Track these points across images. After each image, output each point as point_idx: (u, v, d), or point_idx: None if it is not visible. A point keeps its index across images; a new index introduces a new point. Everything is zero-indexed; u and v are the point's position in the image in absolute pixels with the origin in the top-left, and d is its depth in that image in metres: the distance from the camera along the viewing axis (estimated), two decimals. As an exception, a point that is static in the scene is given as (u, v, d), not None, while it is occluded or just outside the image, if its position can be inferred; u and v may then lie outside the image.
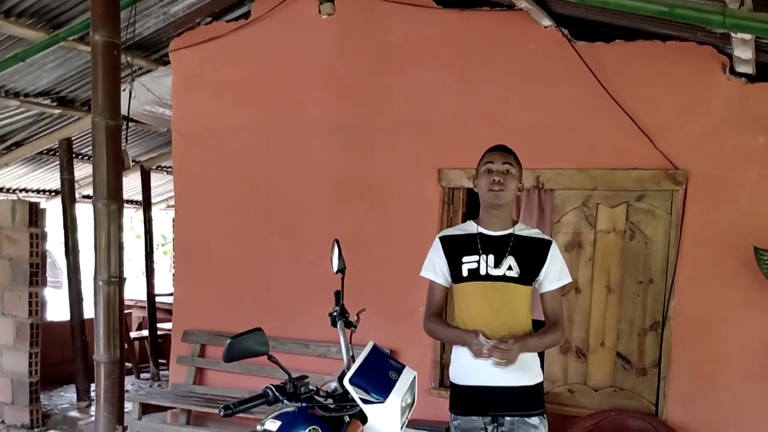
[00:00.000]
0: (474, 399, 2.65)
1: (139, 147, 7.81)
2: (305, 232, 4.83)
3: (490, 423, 2.63)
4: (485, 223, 2.72)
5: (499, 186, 2.62)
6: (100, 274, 3.59)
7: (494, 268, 2.64)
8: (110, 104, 3.60)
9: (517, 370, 2.59)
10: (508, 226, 2.71)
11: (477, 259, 2.66)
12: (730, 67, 3.79)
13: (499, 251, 2.66)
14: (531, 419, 2.62)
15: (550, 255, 2.68)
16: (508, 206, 2.70)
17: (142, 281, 8.07)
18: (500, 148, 2.73)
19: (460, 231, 2.78)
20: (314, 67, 4.82)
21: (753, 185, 3.80)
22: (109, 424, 3.56)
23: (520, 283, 2.65)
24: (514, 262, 2.64)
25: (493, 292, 2.64)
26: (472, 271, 2.67)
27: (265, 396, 2.10)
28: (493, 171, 2.64)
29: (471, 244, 2.70)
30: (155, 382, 7.25)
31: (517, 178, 2.68)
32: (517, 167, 2.69)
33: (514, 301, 2.65)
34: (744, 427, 3.80)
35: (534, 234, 2.74)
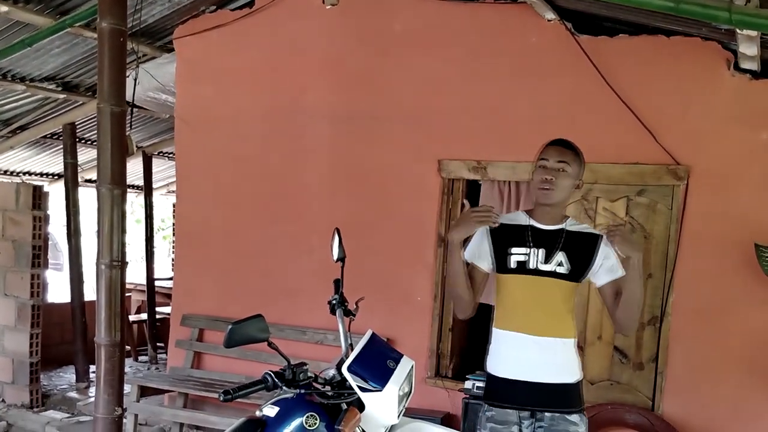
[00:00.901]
0: (512, 392, 2.57)
1: (141, 132, 7.82)
2: (306, 220, 4.85)
3: (528, 417, 2.56)
4: (537, 217, 2.61)
5: (549, 185, 2.51)
6: (102, 257, 3.62)
7: (544, 263, 2.55)
8: (116, 91, 3.63)
9: (558, 367, 2.56)
10: (560, 222, 2.61)
11: (527, 251, 2.57)
12: (735, 63, 3.79)
13: (550, 246, 2.56)
14: (571, 416, 2.55)
15: (601, 249, 2.58)
16: (560, 204, 2.60)
17: (142, 265, 8.11)
18: (558, 143, 2.58)
19: (510, 221, 2.65)
20: (317, 56, 4.83)
21: (755, 182, 3.81)
22: (109, 405, 3.60)
23: (569, 279, 2.56)
24: (564, 258, 2.55)
25: (541, 287, 2.55)
26: (520, 263, 2.57)
27: (265, 382, 2.13)
28: (546, 168, 2.53)
29: (521, 236, 2.59)
30: (153, 365, 7.29)
31: (574, 176, 2.55)
32: (575, 164, 2.55)
33: (560, 297, 2.57)
34: (740, 423, 3.83)
35: (583, 229, 2.65)
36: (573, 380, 2.59)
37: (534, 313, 2.55)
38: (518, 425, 2.56)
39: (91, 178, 8.33)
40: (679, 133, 3.93)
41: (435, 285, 4.52)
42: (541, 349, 2.53)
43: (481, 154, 4.38)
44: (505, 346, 2.59)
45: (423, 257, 4.54)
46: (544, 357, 2.54)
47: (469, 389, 4.08)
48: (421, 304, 4.55)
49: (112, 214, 3.59)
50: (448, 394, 4.42)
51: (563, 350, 2.57)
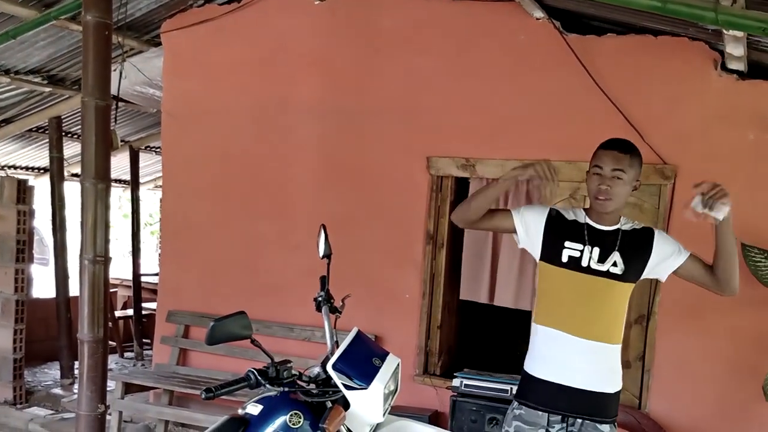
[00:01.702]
0: (547, 395, 2.50)
1: (128, 127, 7.76)
2: (293, 215, 4.83)
3: (558, 422, 2.49)
4: (594, 218, 2.55)
5: (605, 195, 2.44)
6: (86, 253, 3.59)
7: (598, 263, 2.48)
8: (100, 84, 3.59)
9: (600, 375, 2.50)
10: (616, 222, 2.55)
11: (581, 248, 2.50)
12: (722, 64, 3.80)
13: (606, 246, 2.50)
14: (602, 426, 2.48)
15: (656, 240, 2.54)
16: (617, 210, 2.54)
17: (128, 260, 8.05)
18: (614, 147, 2.49)
19: (571, 215, 2.59)
20: (306, 52, 4.80)
21: (742, 182, 3.81)
22: (92, 402, 3.57)
23: (623, 280, 2.50)
24: (619, 258, 2.48)
25: (591, 287, 2.47)
26: (573, 259, 2.49)
27: (248, 380, 2.11)
28: (601, 176, 2.45)
29: (578, 232, 2.52)
30: (139, 361, 7.26)
31: (630, 181, 2.47)
32: (633, 169, 2.47)
33: (612, 298, 2.50)
34: (726, 421, 3.84)
35: (636, 225, 2.59)
36: (613, 390, 2.52)
37: (581, 312, 2.46)
38: (545, 428, 2.50)
39: (77, 173, 8.25)
40: (667, 132, 3.94)
41: (423, 282, 4.51)
42: (585, 353, 2.46)
43: (470, 151, 4.38)
44: (546, 344, 2.52)
45: (411, 254, 4.53)
46: (586, 362, 2.47)
47: (457, 387, 4.08)
48: (410, 302, 4.55)
49: (96, 208, 3.55)
50: (437, 391, 4.42)
51: (608, 356, 2.50)
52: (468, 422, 4.01)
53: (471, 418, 4.01)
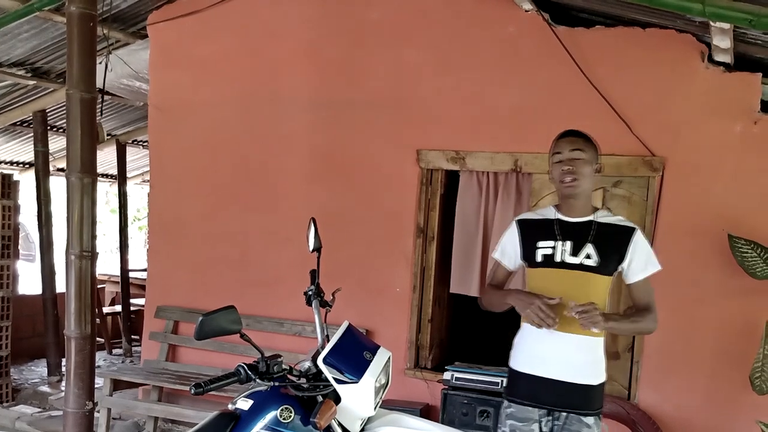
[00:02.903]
0: (534, 389, 2.54)
1: (115, 120, 7.69)
2: (282, 209, 4.80)
3: (545, 415, 2.53)
4: (564, 210, 2.59)
5: (571, 176, 2.48)
6: (72, 248, 3.56)
7: (571, 256, 2.51)
8: (85, 77, 3.56)
9: (584, 367, 2.52)
10: (588, 213, 2.57)
11: (553, 245, 2.54)
12: (709, 56, 3.82)
13: (579, 238, 2.52)
14: (587, 419, 2.51)
15: (634, 243, 2.53)
16: (585, 193, 2.56)
17: (116, 256, 8.00)
18: (568, 134, 2.58)
19: (538, 216, 2.66)
20: (294, 43, 4.77)
21: (729, 173, 3.85)
22: (79, 400, 3.55)
23: (599, 272, 2.51)
24: (593, 250, 2.50)
25: (568, 280, 2.50)
26: (546, 257, 2.54)
27: (237, 375, 2.10)
28: (562, 161, 2.51)
29: (548, 230, 2.57)
30: (127, 357, 7.21)
31: (591, 161, 2.52)
32: (590, 149, 2.54)
33: (590, 290, 2.49)
34: (714, 411, 3.88)
35: (616, 221, 2.60)
36: (597, 382, 2.55)
37: (561, 307, 2.46)
38: (538, 423, 2.54)
39: (63, 167, 8.16)
40: (655, 124, 3.96)
41: (414, 276, 4.51)
42: (568, 346, 2.48)
43: (460, 144, 4.37)
44: (531, 341, 2.55)
45: (402, 248, 4.52)
46: (569, 354, 2.49)
47: (448, 380, 4.08)
48: (400, 295, 4.54)
49: (82, 203, 3.52)
50: (428, 385, 4.43)
51: (590, 349, 2.52)
52: (459, 415, 4.02)
53: (462, 411, 4.02)
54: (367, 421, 2.33)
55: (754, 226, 3.72)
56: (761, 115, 3.77)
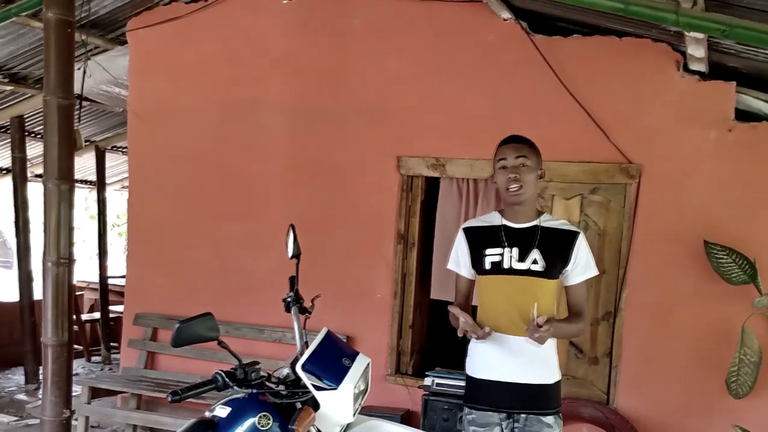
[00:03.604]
0: (491, 394, 2.58)
1: (94, 126, 7.63)
2: (263, 216, 4.79)
3: (505, 419, 2.57)
4: (509, 216, 2.62)
5: (517, 183, 2.52)
6: (49, 255, 3.53)
7: (518, 262, 2.55)
8: (63, 83, 3.54)
9: (537, 367, 2.56)
10: (533, 218, 2.61)
11: (500, 252, 2.57)
12: (684, 65, 3.88)
13: (525, 244, 2.56)
14: (546, 418, 2.55)
15: (577, 247, 2.59)
16: (530, 199, 2.61)
17: (95, 263, 7.92)
18: (512, 140, 2.60)
19: (484, 222, 2.68)
20: (274, 50, 4.77)
21: (704, 180, 3.90)
22: (56, 408, 3.52)
23: (546, 277, 2.56)
24: (539, 256, 2.55)
25: (517, 287, 2.55)
26: (495, 264, 2.58)
27: (215, 382, 2.08)
28: (507, 168, 2.54)
29: (495, 236, 2.60)
30: (106, 365, 7.14)
31: (536, 168, 2.56)
32: (534, 156, 2.57)
33: (538, 295, 2.53)
34: (692, 415, 3.92)
35: (560, 225, 2.65)
36: (551, 381, 2.59)
37: (512, 312, 2.53)
38: (500, 425, 2.58)
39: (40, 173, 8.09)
40: (631, 132, 4.01)
41: (395, 282, 4.52)
42: (519, 349, 2.52)
43: (440, 151, 4.39)
44: (483, 347, 2.58)
45: (382, 254, 4.53)
46: (521, 357, 2.53)
47: (429, 386, 4.09)
48: (381, 301, 4.55)
49: (60, 210, 3.50)
50: (408, 391, 4.43)
51: (542, 349, 2.54)
52: (440, 421, 4.03)
53: (443, 417, 4.03)
54: (346, 427, 2.32)
55: (729, 232, 3.78)
56: (735, 123, 3.83)
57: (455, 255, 2.72)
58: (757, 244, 3.73)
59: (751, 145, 3.81)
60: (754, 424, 3.53)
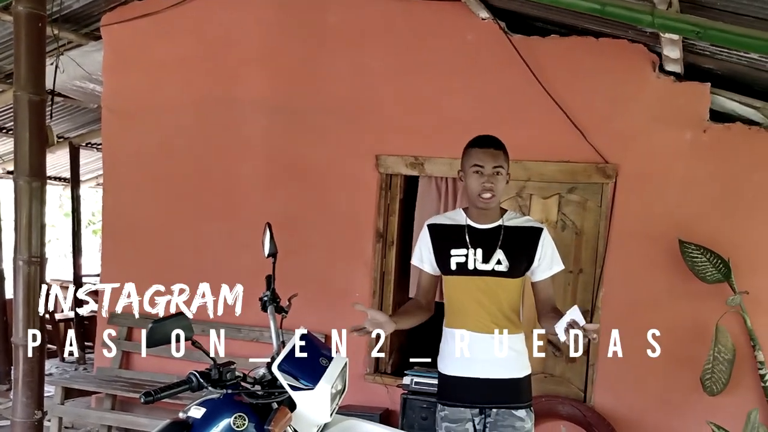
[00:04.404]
0: (463, 390, 2.63)
1: (67, 123, 7.51)
2: (240, 214, 4.75)
3: (477, 414, 2.62)
4: (474, 217, 2.65)
5: (490, 193, 2.55)
6: (20, 253, 3.47)
7: (483, 263, 2.59)
8: (34, 78, 3.49)
9: (507, 363, 2.61)
10: (497, 218, 2.65)
11: (465, 253, 2.61)
12: (660, 66, 3.91)
13: (488, 245, 2.60)
14: (518, 412, 2.61)
15: (541, 243, 2.63)
16: (498, 205, 2.66)
17: (70, 261, 7.81)
18: (490, 145, 2.60)
19: (449, 220, 2.71)
20: (251, 47, 4.73)
21: (679, 180, 3.94)
22: (28, 409, 3.46)
23: (509, 276, 2.60)
24: (503, 256, 2.58)
25: (482, 287, 2.60)
26: (460, 265, 2.61)
27: (189, 382, 2.06)
28: (483, 174, 2.55)
29: (459, 237, 2.63)
30: (81, 365, 7.04)
31: (506, 174, 2.60)
32: (507, 162, 2.61)
33: (503, 295, 2.61)
34: (668, 412, 3.96)
35: (524, 222, 2.68)
36: (521, 375, 2.65)
37: (478, 311, 2.59)
38: (472, 422, 2.62)
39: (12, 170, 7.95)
40: (608, 132, 4.04)
41: (373, 281, 4.50)
42: (488, 346, 2.58)
43: (419, 149, 4.39)
44: (453, 344, 2.63)
45: (361, 253, 4.51)
46: (490, 354, 2.58)
47: (408, 385, 4.09)
48: (360, 300, 4.48)
49: (31, 207, 3.44)
50: (387, 390, 4.42)
51: (511, 345, 2.61)
52: (419, 420, 4.03)
53: (422, 416, 4.03)
54: (323, 427, 2.31)
55: (703, 231, 3.83)
56: (710, 124, 3.87)
57: (419, 251, 2.74)
58: (731, 244, 3.78)
59: (726, 145, 3.86)
60: (728, 420, 3.57)
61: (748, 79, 3.74)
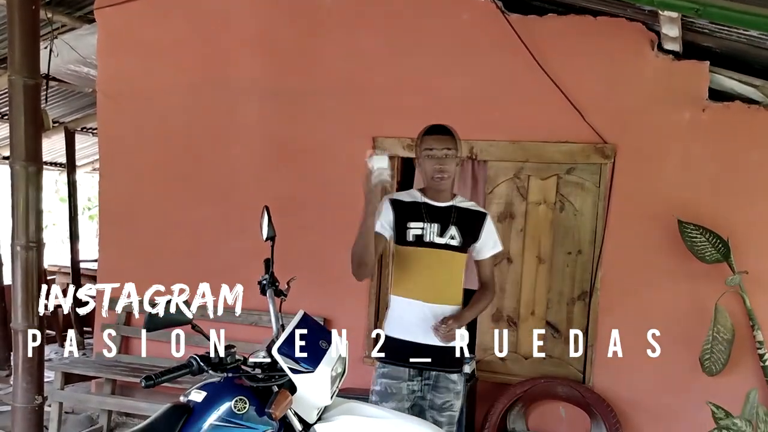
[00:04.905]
0: (405, 352, 2.87)
1: (62, 107, 7.46)
2: (237, 197, 4.73)
3: (416, 375, 2.88)
4: (430, 196, 2.93)
5: (442, 173, 2.84)
6: (17, 239, 3.46)
7: (438, 236, 2.87)
8: (28, 62, 3.46)
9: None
10: (450, 199, 2.95)
11: (422, 226, 2.88)
12: (658, 44, 3.88)
13: (444, 221, 2.89)
14: (451, 375, 2.91)
15: (486, 226, 2.97)
16: (450, 186, 2.94)
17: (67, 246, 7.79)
18: (439, 132, 2.90)
19: (407, 198, 2.97)
20: (247, 29, 4.68)
21: (678, 160, 3.93)
22: (28, 394, 3.47)
23: (460, 250, 2.91)
24: (456, 232, 2.88)
25: (435, 258, 2.87)
26: (417, 236, 2.88)
27: (189, 366, 2.06)
28: (434, 158, 2.84)
29: (417, 212, 2.90)
30: (80, 350, 7.04)
31: (457, 156, 2.89)
32: (456, 146, 2.88)
33: (453, 267, 2.91)
34: (666, 392, 3.97)
35: (471, 206, 3.00)
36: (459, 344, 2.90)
37: (428, 281, 2.88)
38: (407, 381, 2.88)
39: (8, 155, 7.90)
40: (606, 112, 4.01)
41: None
42: (433, 315, 2.84)
43: (416, 131, 4.30)
44: (401, 311, 2.91)
45: (358, 236, 4.49)
46: (432, 322, 2.82)
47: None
48: (358, 284, 4.47)
49: (27, 192, 3.43)
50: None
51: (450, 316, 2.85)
52: (416, 401, 4.03)
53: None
54: (323, 410, 2.32)
55: (702, 211, 3.82)
56: (709, 103, 3.85)
57: (380, 221, 2.93)
58: (730, 223, 3.77)
59: (725, 124, 3.84)
60: (728, 400, 3.58)
61: (748, 57, 3.71)
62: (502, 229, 4.23)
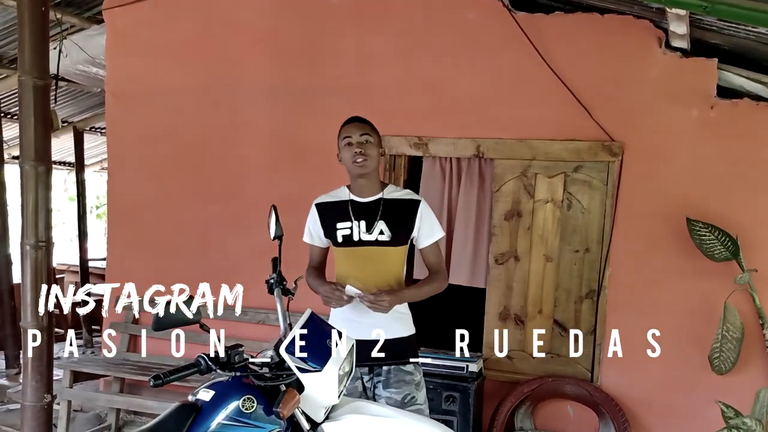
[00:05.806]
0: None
1: (71, 107, 7.51)
2: (244, 196, 4.75)
3: (366, 373, 2.83)
4: (356, 191, 2.90)
5: (362, 157, 2.80)
6: (27, 238, 3.48)
7: (366, 234, 2.83)
8: (38, 63, 3.47)
9: (391, 324, 2.81)
10: (377, 191, 2.89)
11: (350, 225, 2.85)
12: (666, 42, 3.86)
13: (370, 217, 2.84)
14: (405, 367, 2.84)
15: (420, 213, 2.87)
16: (374, 173, 2.88)
17: (76, 245, 7.84)
18: (355, 120, 2.90)
19: (334, 198, 2.95)
20: (254, 29, 4.69)
21: (686, 157, 3.91)
22: (37, 392, 3.48)
23: (392, 245, 2.84)
24: (385, 227, 2.82)
25: (366, 257, 2.83)
26: (345, 237, 2.85)
27: (198, 365, 2.07)
28: (353, 144, 2.81)
29: (344, 211, 2.88)
30: (88, 348, 7.08)
31: (377, 145, 2.86)
32: (375, 135, 2.87)
33: (386, 263, 2.85)
34: (675, 391, 3.96)
35: (403, 195, 2.92)
36: (406, 334, 2.88)
37: (363, 278, 2.81)
38: (361, 380, 2.84)
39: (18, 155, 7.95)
40: (614, 109, 4.00)
41: (377, 262, 4.49)
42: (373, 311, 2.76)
43: (423, 130, 4.36)
44: (341, 311, 2.83)
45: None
46: (376, 317, 2.76)
47: (413, 365, 4.09)
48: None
49: (37, 192, 3.44)
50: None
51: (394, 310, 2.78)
52: (424, 400, 4.03)
53: (428, 396, 4.02)
54: (331, 409, 2.32)
55: (711, 209, 3.80)
56: (717, 100, 3.83)
57: (308, 229, 2.98)
58: (740, 221, 3.75)
59: (733, 121, 3.82)
60: (737, 399, 3.56)
61: (756, 54, 3.69)
62: (509, 227, 4.23)
